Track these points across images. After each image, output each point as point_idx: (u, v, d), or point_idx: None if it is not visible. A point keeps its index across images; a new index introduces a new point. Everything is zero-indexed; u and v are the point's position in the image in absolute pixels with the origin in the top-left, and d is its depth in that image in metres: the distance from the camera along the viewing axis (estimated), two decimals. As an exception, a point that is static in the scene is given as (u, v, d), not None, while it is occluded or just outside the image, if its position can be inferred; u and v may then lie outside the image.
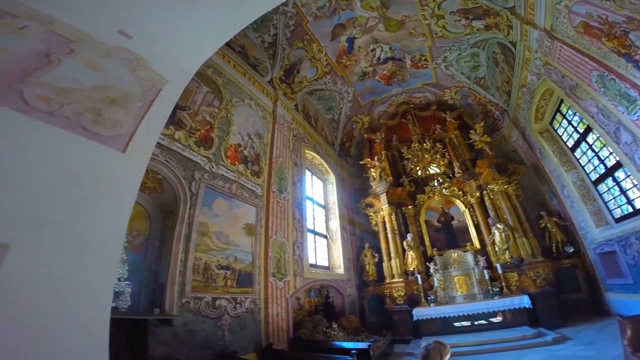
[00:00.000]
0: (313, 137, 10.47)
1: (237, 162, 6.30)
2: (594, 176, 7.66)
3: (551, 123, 8.82)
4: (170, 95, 3.30)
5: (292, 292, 6.54)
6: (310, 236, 8.76)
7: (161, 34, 2.95)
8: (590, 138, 7.40)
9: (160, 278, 4.05)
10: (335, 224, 10.32)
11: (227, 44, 6.97)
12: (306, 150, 9.70)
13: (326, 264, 9.40)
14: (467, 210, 9.88)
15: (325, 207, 10.76)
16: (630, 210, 6.64)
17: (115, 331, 2.72)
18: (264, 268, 5.93)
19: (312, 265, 8.09)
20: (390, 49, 9.93)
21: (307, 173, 9.97)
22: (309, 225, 8.85)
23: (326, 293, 7.92)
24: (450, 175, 10.62)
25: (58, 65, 2.37)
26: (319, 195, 10.80)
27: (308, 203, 9.17)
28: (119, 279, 3.36)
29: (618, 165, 6.64)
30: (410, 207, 10.59)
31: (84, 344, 2.13)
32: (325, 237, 9.98)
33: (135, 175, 3.06)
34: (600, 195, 7.55)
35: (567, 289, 7.84)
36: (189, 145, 5.25)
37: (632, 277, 6.30)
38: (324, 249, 9.70)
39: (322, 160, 10.71)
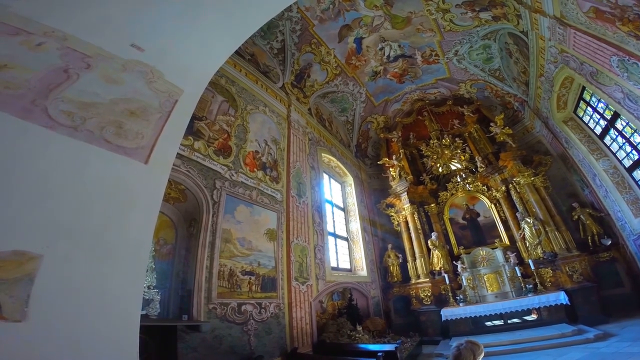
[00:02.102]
0: (328, 139, 10.48)
1: (255, 169, 6.40)
2: (627, 163, 7.21)
3: (575, 111, 8.41)
4: (186, 106, 3.40)
5: (315, 295, 6.54)
6: (331, 239, 8.76)
7: (172, 45, 3.06)
8: (619, 124, 6.98)
9: (188, 285, 4.17)
10: (356, 225, 10.26)
11: (238, 53, 7.13)
12: (322, 154, 9.73)
13: (348, 267, 9.35)
14: (493, 206, 9.55)
15: (344, 209, 10.73)
16: None
17: (146, 338, 2.80)
18: (287, 272, 5.98)
19: (333, 268, 8.08)
20: (399, 46, 9.82)
21: (325, 176, 10.00)
22: (329, 228, 8.85)
23: (349, 296, 7.85)
24: (473, 170, 10.28)
25: (77, 80, 2.48)
26: (338, 198, 10.79)
27: (327, 206, 9.18)
28: (148, 287, 3.47)
29: None
30: (433, 205, 10.38)
31: (115, 351, 2.21)
32: (346, 239, 9.94)
33: (159, 186, 3.16)
34: (637, 182, 7.07)
35: (608, 284, 7.37)
36: (209, 154, 5.39)
37: None
38: (345, 252, 9.66)
39: (339, 163, 10.71)
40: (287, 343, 5.33)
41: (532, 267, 7.84)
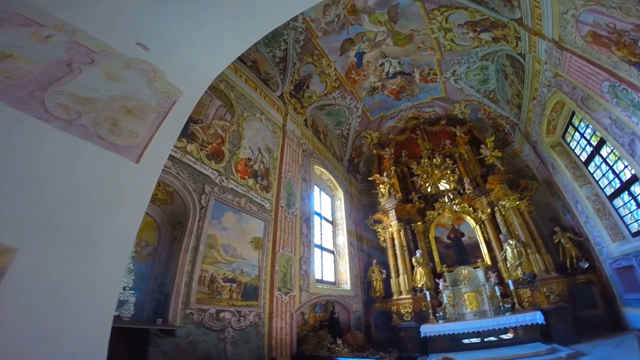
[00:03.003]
0: (322, 152, 10.53)
1: (247, 177, 6.37)
2: (609, 190, 7.40)
3: (563, 136, 8.60)
4: (184, 108, 3.40)
5: (297, 307, 6.46)
6: (317, 251, 8.69)
7: (178, 46, 3.08)
8: (604, 151, 7.15)
9: (166, 289, 4.09)
10: (343, 239, 10.23)
11: (240, 59, 7.16)
12: (315, 166, 9.75)
13: (332, 280, 9.28)
14: (477, 227, 9.66)
15: (333, 222, 10.69)
16: None
17: (116, 339, 2.75)
18: (270, 282, 5.91)
19: (318, 281, 7.99)
20: (399, 63, 9.91)
21: (316, 188, 9.99)
22: (316, 240, 8.80)
23: (332, 309, 7.77)
24: (461, 191, 10.35)
25: (79, 75, 2.49)
26: (327, 211, 10.76)
27: (316, 218, 9.13)
28: (124, 288, 3.41)
29: (634, 179, 6.37)
30: (419, 223, 10.42)
31: (83, 350, 2.16)
32: (333, 252, 9.89)
33: (148, 186, 3.14)
34: (616, 209, 7.28)
35: (583, 305, 7.55)
36: (201, 158, 5.37)
37: None
38: (331, 265, 9.60)
39: (330, 176, 10.73)
40: (265, 353, 5.22)
41: (512, 287, 7.96)
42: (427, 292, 8.68)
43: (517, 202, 9.03)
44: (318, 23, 8.09)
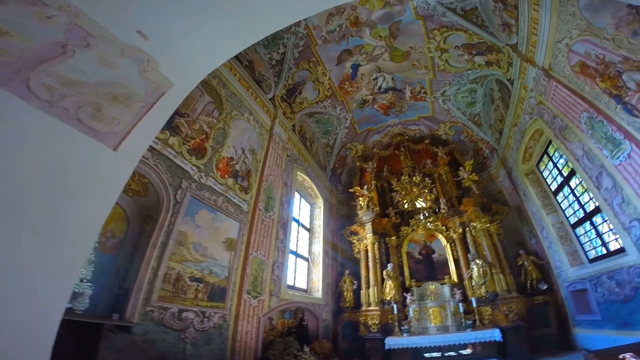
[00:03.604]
0: (306, 159, 10.45)
1: (227, 176, 6.20)
2: (573, 219, 7.72)
3: (537, 165, 8.90)
4: (172, 100, 3.27)
5: (265, 311, 6.28)
6: (291, 257, 8.57)
7: (177, 39, 2.97)
8: (573, 182, 7.44)
9: (127, 284, 3.86)
10: (319, 248, 10.12)
11: (236, 57, 7.04)
12: (298, 172, 9.65)
13: (304, 287, 9.13)
14: (448, 245, 9.82)
15: (310, 230, 10.58)
16: (604, 252, 6.72)
17: (64, 333, 2.55)
18: (240, 284, 5.71)
19: (289, 287, 7.85)
20: (393, 79, 9.97)
21: (296, 195, 9.88)
22: (292, 246, 8.66)
23: (301, 316, 7.63)
24: (436, 210, 10.56)
25: (72, 57, 2.37)
26: (305, 218, 10.65)
27: (293, 225, 9.00)
28: (81, 280, 3.20)
29: (597, 210, 6.65)
30: (393, 238, 10.48)
31: (26, 341, 1.97)
32: (307, 259, 9.75)
33: (122, 175, 2.98)
34: (577, 237, 7.62)
35: (538, 325, 7.86)
36: (182, 152, 5.19)
37: (600, 314, 6.38)
38: (304, 272, 9.46)
39: (312, 184, 10.65)
40: (227, 356, 5.01)
41: (474, 305, 8.17)
42: (395, 305, 8.71)
43: (488, 225, 9.26)
44: (319, 31, 8.08)
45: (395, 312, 8.58)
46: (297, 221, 9.63)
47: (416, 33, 8.22)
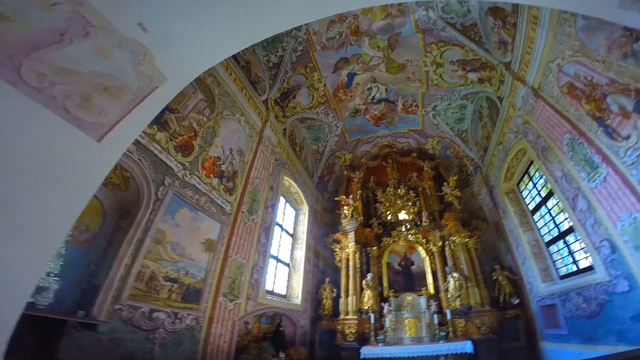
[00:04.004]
0: (295, 164, 10.36)
1: (212, 175, 6.05)
2: (547, 238, 7.95)
3: (518, 184, 9.10)
4: (164, 95, 3.20)
5: (241, 315, 6.12)
6: (272, 262, 8.43)
7: (177, 34, 2.92)
8: (550, 202, 7.65)
9: (97, 280, 3.69)
10: (301, 254, 10.00)
11: (234, 57, 6.93)
12: (285, 177, 9.55)
13: (284, 293, 8.98)
14: (427, 257, 9.90)
15: (293, 236, 10.46)
16: (575, 269, 6.95)
17: (24, 328, 2.42)
18: (216, 287, 5.54)
19: (268, 292, 7.70)
20: (386, 90, 9.95)
21: (282, 199, 9.77)
22: (273, 251, 8.52)
23: (279, 321, 7.48)
24: (418, 223, 10.64)
25: (69, 46, 2.31)
26: (289, 224, 10.52)
27: (276, 229, 8.87)
28: (47, 274, 3.04)
29: (570, 230, 6.85)
30: (375, 248, 10.48)
31: None
32: (288, 265, 9.62)
33: (103, 167, 2.88)
34: (550, 255, 7.84)
35: (509, 338, 7.99)
36: (168, 148, 5.03)
37: (567, 328, 6.55)
38: (285, 277, 9.32)
39: (298, 190, 10.56)
40: (198, 358, 4.83)
41: (449, 317, 8.23)
42: (372, 315, 8.67)
43: (467, 240, 9.39)
44: (319, 37, 8.00)
45: (372, 321, 8.55)
46: (280, 226, 9.51)
47: (414, 46, 8.25)
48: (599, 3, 2.83)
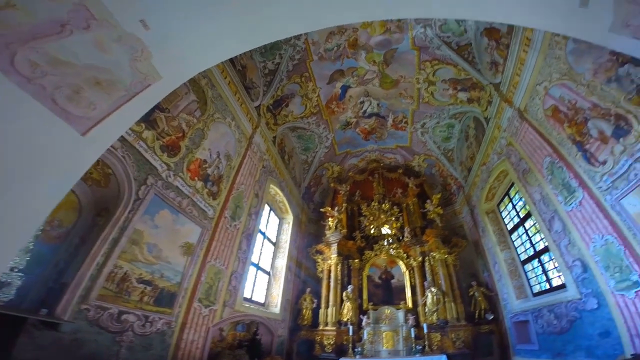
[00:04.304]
0: (282, 173, 10.30)
1: (197, 178, 5.90)
2: (523, 257, 8.18)
3: (498, 205, 9.33)
4: (156, 93, 3.15)
5: (216, 321, 5.93)
6: (252, 270, 8.26)
7: (178, 32, 2.89)
8: (528, 223, 7.87)
9: (65, 278, 3.52)
10: (282, 263, 9.85)
11: (231, 60, 6.86)
12: (271, 185, 9.47)
13: (262, 301, 8.78)
14: (407, 272, 9.96)
15: (275, 244, 10.31)
16: (547, 287, 7.16)
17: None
18: (192, 292, 5.36)
19: (246, 299, 7.50)
20: (378, 105, 9.98)
21: (266, 207, 9.67)
22: (254, 259, 8.35)
23: (255, 329, 7.28)
24: (400, 238, 10.72)
25: (68, 37, 2.27)
26: (272, 232, 10.38)
27: (259, 237, 8.72)
28: (11, 269, 2.89)
29: (545, 250, 7.07)
30: (357, 260, 10.46)
31: None
32: (269, 273, 9.45)
33: (84, 162, 2.79)
34: (525, 273, 8.06)
35: (482, 352, 8.10)
36: (154, 147, 4.89)
37: (538, 344, 6.73)
38: (264, 285, 9.14)
39: (284, 199, 10.47)
40: (167, 363, 4.65)
41: (425, 331, 8.26)
42: (351, 327, 8.62)
43: (446, 256, 9.52)
44: (317, 47, 7.99)
45: (351, 333, 8.50)
46: (263, 234, 9.38)
47: (409, 63, 8.32)
48: (591, 26, 2.91)
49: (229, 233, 6.73)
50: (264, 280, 9.17)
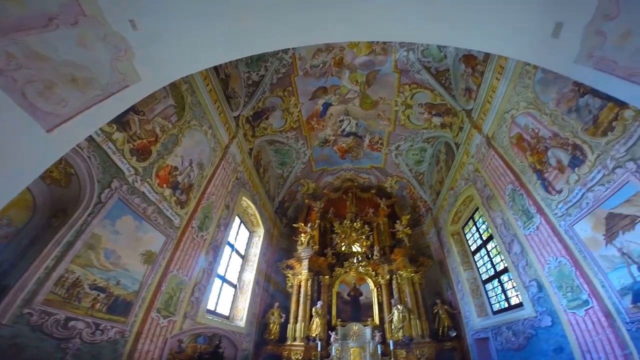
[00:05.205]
0: (256, 186, 10.22)
1: (165, 185, 5.70)
2: (484, 277, 8.53)
3: (463, 227, 9.73)
4: (133, 95, 3.13)
5: (175, 333, 5.65)
6: (217, 282, 7.99)
7: (166, 35, 2.89)
8: (489, 245, 8.25)
9: (8, 280, 3.28)
10: (250, 276, 9.61)
11: (215, 68, 6.79)
12: (244, 197, 9.36)
13: (227, 314, 8.48)
14: (375, 289, 10.06)
15: (244, 257, 10.08)
16: (506, 305, 7.49)
17: None
18: (150, 301, 5.10)
19: (209, 311, 7.23)
20: (357, 124, 10.18)
21: (237, 219, 9.53)
22: (220, 271, 8.11)
23: (217, 342, 6.97)
24: (369, 256, 10.88)
25: (52, 31, 2.25)
26: (242, 245, 10.16)
27: (227, 249, 8.50)
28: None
29: (505, 270, 7.43)
30: (327, 277, 10.45)
31: None
32: (235, 286, 9.18)
33: (45, 160, 2.73)
34: (486, 292, 8.38)
35: None
36: (123, 150, 4.72)
37: None
38: (230, 298, 8.85)
39: (256, 212, 10.34)
40: (119, 374, 4.35)
41: (392, 347, 8.28)
42: (319, 343, 8.52)
43: (413, 274, 9.71)
44: (304, 62, 8.07)
45: (319, 349, 8.40)
46: (231, 246, 9.17)
47: (389, 85, 8.54)
48: (559, 57, 3.09)
49: (195, 243, 6.53)
50: (229, 293, 8.89)
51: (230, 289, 8.93)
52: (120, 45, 2.74)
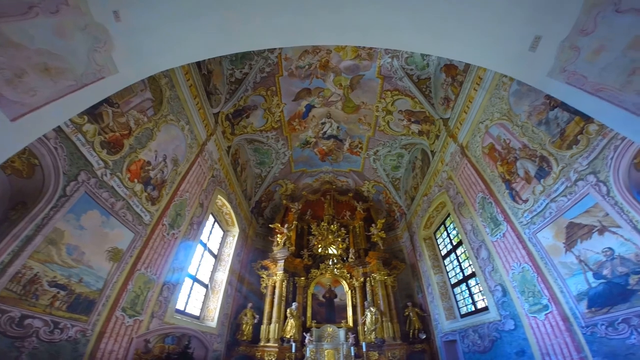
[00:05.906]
0: (232, 185, 10.06)
1: (136, 180, 5.51)
2: (453, 280, 8.87)
3: (435, 232, 10.09)
4: (108, 87, 3.04)
5: (141, 333, 5.48)
6: (188, 281, 7.86)
7: (149, 28, 2.82)
8: (459, 250, 8.61)
9: (-42, 274, 3.13)
10: (223, 276, 9.48)
11: (197, 63, 6.66)
12: (219, 196, 9.21)
13: (197, 314, 8.32)
14: (350, 292, 10.26)
15: (217, 257, 9.91)
16: (473, 309, 7.80)
17: None
18: (115, 300, 4.93)
19: (178, 311, 7.08)
20: (338, 128, 10.31)
21: (211, 218, 9.40)
22: (191, 270, 7.96)
23: (187, 343, 6.84)
24: (345, 258, 11.09)
25: (31, 19, 2.17)
26: (215, 244, 10.00)
27: (199, 248, 8.35)
28: None
29: (472, 275, 7.76)
30: (302, 278, 10.52)
31: None
32: (207, 286, 9.03)
33: (6, 150, 2.62)
34: (455, 295, 8.71)
35: None
36: (93, 142, 4.53)
37: None
38: (201, 298, 8.69)
39: (231, 211, 10.20)
40: (80, 375, 4.16)
41: (364, 349, 8.44)
42: (294, 344, 8.55)
43: (386, 277, 9.98)
44: (290, 63, 8.07)
45: (294, 350, 8.43)
46: (204, 245, 9.02)
47: (372, 90, 8.70)
48: (533, 70, 3.19)
49: (165, 241, 6.35)
50: (201, 293, 8.73)
51: (201, 288, 8.78)
52: (101, 36, 2.69)
